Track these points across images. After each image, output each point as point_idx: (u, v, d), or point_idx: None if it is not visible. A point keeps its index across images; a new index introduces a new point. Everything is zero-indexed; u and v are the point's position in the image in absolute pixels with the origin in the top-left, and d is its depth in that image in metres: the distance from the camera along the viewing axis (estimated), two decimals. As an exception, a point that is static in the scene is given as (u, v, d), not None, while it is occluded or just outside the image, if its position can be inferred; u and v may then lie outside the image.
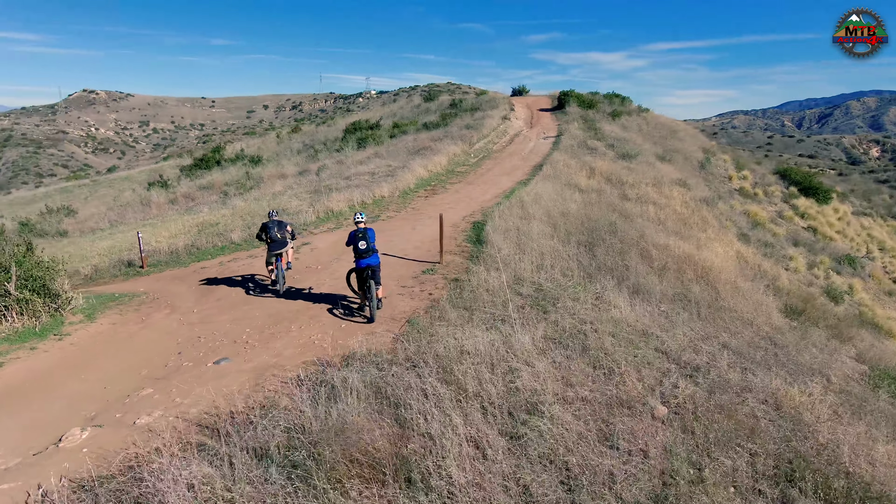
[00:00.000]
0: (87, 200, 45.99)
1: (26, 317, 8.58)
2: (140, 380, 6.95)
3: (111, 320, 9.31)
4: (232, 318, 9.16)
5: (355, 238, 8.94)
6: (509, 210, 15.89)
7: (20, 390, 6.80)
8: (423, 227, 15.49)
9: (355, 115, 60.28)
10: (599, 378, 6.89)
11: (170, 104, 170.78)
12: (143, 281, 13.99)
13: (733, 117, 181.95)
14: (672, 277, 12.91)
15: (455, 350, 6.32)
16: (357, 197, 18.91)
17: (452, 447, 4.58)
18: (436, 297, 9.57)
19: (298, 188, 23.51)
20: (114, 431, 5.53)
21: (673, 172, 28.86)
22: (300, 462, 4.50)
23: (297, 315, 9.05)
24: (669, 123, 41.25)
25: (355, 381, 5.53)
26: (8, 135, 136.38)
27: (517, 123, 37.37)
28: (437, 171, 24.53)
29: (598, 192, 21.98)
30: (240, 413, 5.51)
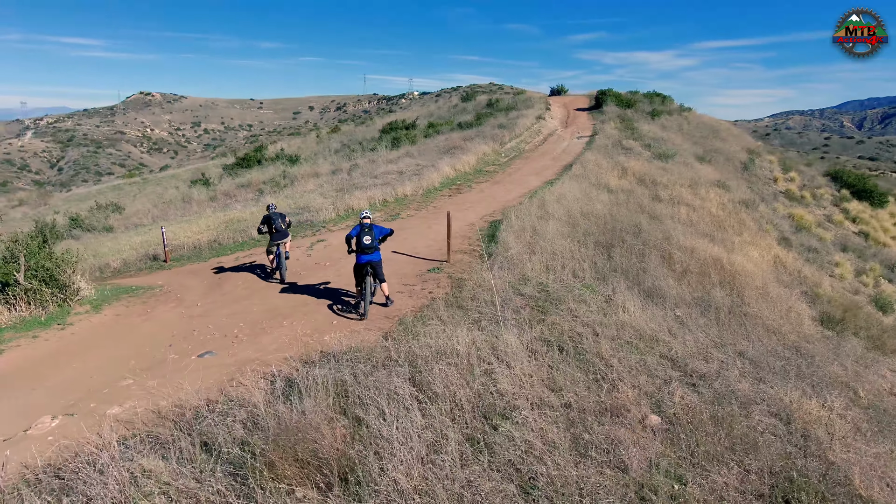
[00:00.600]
0: (135, 198, 47.78)
1: (34, 306, 8.83)
2: (125, 370, 7.00)
3: (116, 312, 9.49)
4: (230, 312, 9.19)
5: (360, 233, 8.85)
6: (528, 209, 15.52)
7: (9, 377, 6.96)
8: (440, 225, 15.26)
9: (395, 116, 60.60)
10: (588, 384, 6.53)
11: (220, 105, 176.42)
12: (163, 274, 14.29)
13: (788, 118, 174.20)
14: (693, 281, 12.30)
15: (431, 349, 6.09)
16: (379, 195, 18.88)
17: (403, 450, 4.35)
18: (436, 295, 9.35)
19: (328, 186, 23.70)
20: (82, 420, 5.55)
21: (712, 173, 27.74)
22: (245, 460, 4.38)
23: (293, 310, 9.00)
24: (712, 123, 39.76)
25: (320, 379, 5.37)
26: (71, 135, 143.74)
27: (552, 123, 36.74)
28: (465, 171, 24.29)
29: (627, 193, 21.29)
30: (203, 407, 5.44)
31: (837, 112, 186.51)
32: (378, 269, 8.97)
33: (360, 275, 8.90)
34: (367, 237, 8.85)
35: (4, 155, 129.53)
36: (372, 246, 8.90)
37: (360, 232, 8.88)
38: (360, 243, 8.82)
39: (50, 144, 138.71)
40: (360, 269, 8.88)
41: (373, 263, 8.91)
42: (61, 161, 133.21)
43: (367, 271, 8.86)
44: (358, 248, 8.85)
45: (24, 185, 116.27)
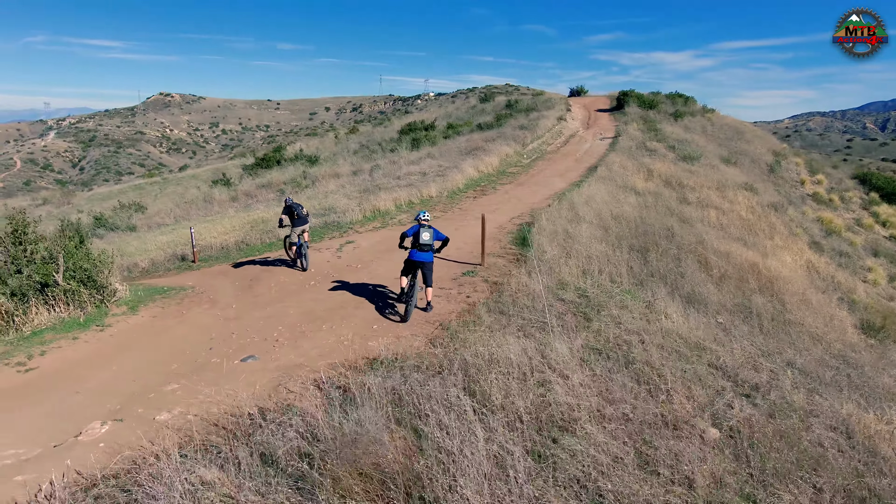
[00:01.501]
0: (156, 197, 48.21)
1: (73, 307, 8.78)
2: (168, 374, 6.90)
3: (152, 313, 9.42)
4: (266, 315, 9.08)
5: (419, 230, 8.89)
6: (558, 212, 15.28)
7: (51, 379, 6.89)
8: (468, 227, 15.09)
9: (412, 117, 60.52)
10: (643, 395, 6.30)
11: (238, 106, 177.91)
12: (192, 275, 14.26)
13: (809, 119, 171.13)
14: (732, 287, 11.99)
15: (483, 358, 5.91)
16: (404, 196, 18.73)
17: (471, 465, 4.17)
18: (473, 300, 9.17)
19: (350, 187, 23.60)
20: (133, 427, 5.45)
21: (738, 176, 27.26)
22: (307, 472, 4.22)
23: (330, 314, 8.86)
24: (736, 124, 39.14)
25: (375, 388, 5.21)
26: (92, 135, 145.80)
27: (573, 124, 36.40)
28: (488, 172, 24.09)
29: (655, 196, 20.95)
30: (256, 415, 5.29)
31: (860, 113, 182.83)
32: (428, 271, 8.90)
33: (408, 272, 8.87)
34: (426, 234, 8.85)
35: (28, 155, 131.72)
36: (429, 244, 8.87)
37: (420, 230, 8.91)
38: (417, 240, 8.83)
39: (72, 144, 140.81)
40: (411, 266, 8.86)
41: (425, 264, 8.86)
42: (83, 161, 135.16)
43: (417, 272, 8.83)
44: (415, 244, 8.86)
45: (47, 185, 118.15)
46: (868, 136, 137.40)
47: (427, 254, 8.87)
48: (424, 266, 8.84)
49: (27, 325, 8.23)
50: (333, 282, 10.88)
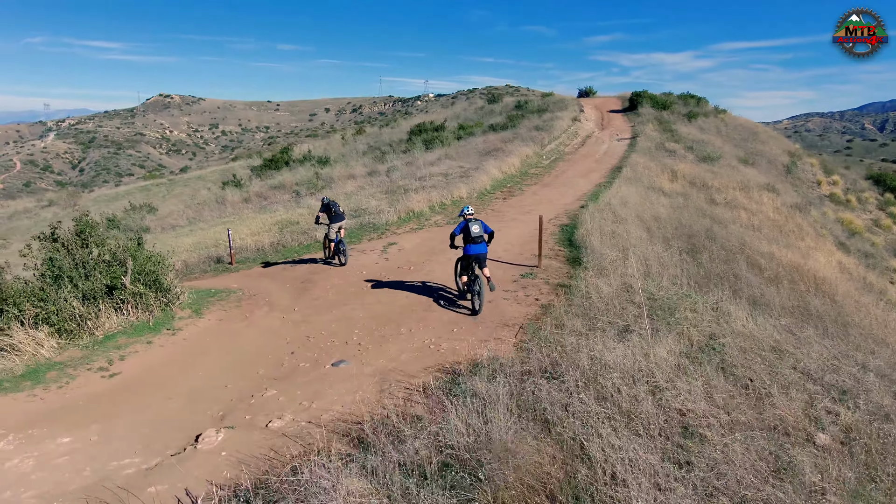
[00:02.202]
0: (164, 199, 47.98)
1: (140, 310, 8.65)
2: (258, 379, 6.78)
3: (217, 316, 9.29)
4: (334, 318, 8.96)
5: (467, 226, 9.06)
6: (599, 213, 15.20)
7: (141, 385, 6.76)
8: (509, 229, 15.00)
9: (418, 118, 60.34)
10: (748, 400, 6.22)
11: (238, 107, 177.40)
12: (233, 277, 14.13)
13: (807, 120, 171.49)
14: (786, 289, 11.93)
15: (597, 362, 5.81)
16: (436, 198, 18.63)
17: (632, 478, 4.07)
18: (544, 302, 9.07)
19: (371, 188, 23.46)
20: (247, 434, 5.33)
21: (758, 177, 27.25)
22: (459, 482, 4.11)
23: (401, 316, 8.75)
24: (749, 125, 39.20)
25: (500, 394, 5.10)
26: (92, 136, 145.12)
27: (588, 125, 36.37)
28: (511, 173, 24.01)
29: (684, 196, 20.92)
30: (378, 422, 5.18)
31: (858, 114, 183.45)
32: (483, 260, 9.11)
33: (466, 267, 9.08)
34: (475, 226, 9.04)
35: (28, 156, 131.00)
36: (480, 236, 9.05)
37: (467, 224, 9.08)
38: (469, 235, 8.99)
39: (72, 146, 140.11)
40: (467, 261, 9.05)
41: (480, 256, 9.03)
42: (83, 162, 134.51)
43: (475, 264, 8.99)
44: (467, 239, 9.01)
45: (47, 186, 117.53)
46: (867, 136, 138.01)
47: (481, 245, 9.08)
48: (480, 257, 9.03)
49: (99, 329, 8.09)
50: (389, 284, 10.77)
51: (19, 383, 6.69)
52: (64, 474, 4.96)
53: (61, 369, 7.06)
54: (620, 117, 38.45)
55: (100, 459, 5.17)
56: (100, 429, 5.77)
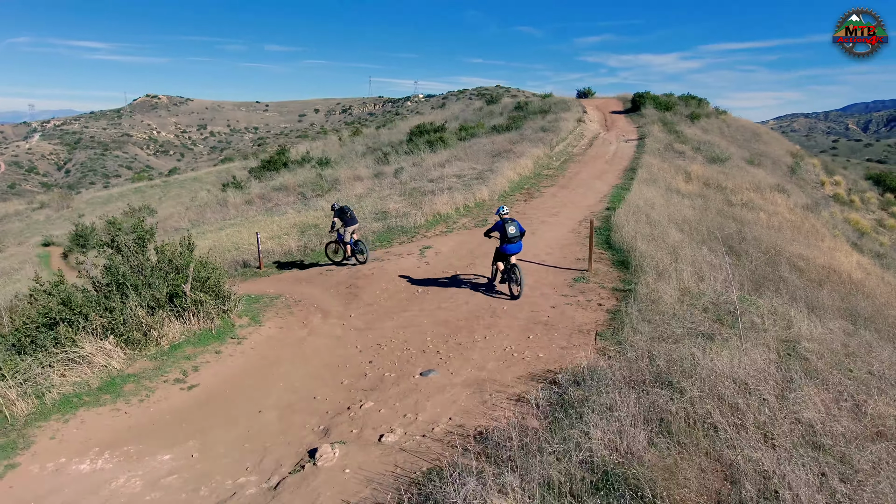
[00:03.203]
0: (161, 200, 47.32)
1: (201, 319, 8.41)
2: (345, 390, 6.60)
3: (276, 324, 9.07)
4: (399, 325, 8.79)
5: (504, 226, 9.91)
6: (633, 216, 15.16)
7: (223, 397, 6.55)
8: (542, 232, 14.91)
9: (415, 119, 60.06)
10: (849, 409, 6.17)
11: (226, 108, 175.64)
12: (266, 282, 13.88)
13: (793, 120, 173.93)
14: (832, 291, 11.97)
15: (703, 370, 5.71)
16: (460, 200, 18.49)
17: (791, 495, 3.97)
18: (608, 307, 8.98)
19: (384, 190, 23.27)
20: (363, 450, 5.15)
21: (767, 177, 27.47)
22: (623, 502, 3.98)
23: (468, 323, 8.60)
24: (751, 126, 39.55)
25: (628, 405, 4.99)
26: (78, 137, 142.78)
27: (592, 126, 36.44)
28: (525, 175, 23.95)
29: (703, 198, 21.00)
30: (498, 435, 5.03)
31: (842, 115, 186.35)
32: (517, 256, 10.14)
33: (503, 261, 10.10)
34: (511, 227, 9.89)
35: (12, 157, 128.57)
36: (517, 236, 9.90)
37: (504, 225, 9.91)
38: (506, 235, 9.82)
39: (57, 147, 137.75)
40: (505, 258, 10.04)
41: (517, 253, 10.06)
42: (68, 163, 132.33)
43: (511, 260, 9.99)
44: (505, 238, 9.86)
45: (32, 188, 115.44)
46: (852, 136, 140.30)
47: (517, 244, 9.97)
48: (515, 255, 10.05)
49: (163, 338, 7.84)
50: (439, 288, 10.61)
51: (99, 397, 6.43)
52: (180, 495, 4.76)
53: (137, 381, 6.81)
54: (623, 118, 38.58)
55: (212, 478, 4.97)
56: (198, 445, 5.56)
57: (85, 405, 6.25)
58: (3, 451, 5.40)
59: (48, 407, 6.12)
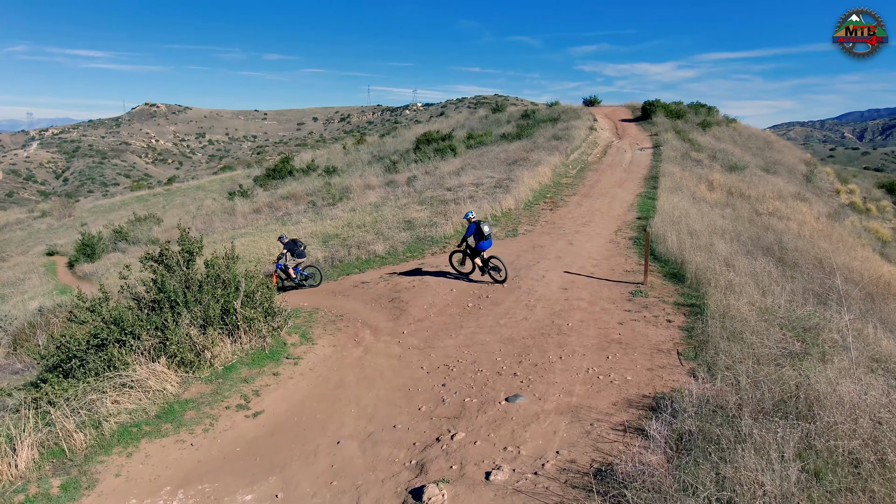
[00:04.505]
0: (165, 209, 46.67)
1: (252, 337, 7.86)
2: (425, 418, 6.06)
3: (329, 342, 8.52)
4: (461, 344, 8.26)
5: (479, 226, 11.17)
6: (670, 225, 14.71)
7: (294, 426, 6.00)
8: (580, 243, 14.44)
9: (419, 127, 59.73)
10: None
11: (224, 117, 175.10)
12: (299, 296, 13.33)
13: (789, 129, 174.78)
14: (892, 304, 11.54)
15: (842, 401, 5.21)
16: (487, 208, 18.01)
17: None
18: (679, 324, 8.49)
19: (399, 199, 22.81)
20: (472, 491, 4.61)
21: (787, 186, 27.15)
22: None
23: (536, 341, 8.08)
24: (762, 135, 39.34)
25: (770, 441, 4.48)
26: (76, 146, 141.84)
27: (604, 134, 36.12)
28: (546, 183, 23.52)
29: (730, 207, 20.62)
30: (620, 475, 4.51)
31: (838, 123, 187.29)
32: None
33: (478, 257, 11.44)
34: (486, 226, 11.19)
35: (10, 166, 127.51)
36: (490, 233, 11.26)
37: (479, 225, 11.18)
38: (482, 234, 11.11)
39: (55, 155, 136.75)
40: (480, 254, 11.39)
41: (489, 248, 11.48)
42: (67, 172, 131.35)
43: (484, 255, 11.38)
44: (481, 236, 11.12)
45: (30, 196, 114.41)
46: (848, 145, 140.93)
47: (490, 240, 11.38)
48: (488, 250, 11.52)
49: (216, 359, 7.28)
50: (491, 302, 10.09)
51: (159, 426, 5.88)
52: (275, 544, 4.21)
53: (197, 408, 6.26)
54: (634, 126, 38.30)
55: (308, 523, 4.44)
56: (280, 483, 5.02)
57: (146, 436, 5.70)
58: (66, 493, 4.84)
59: (107, 438, 5.55)
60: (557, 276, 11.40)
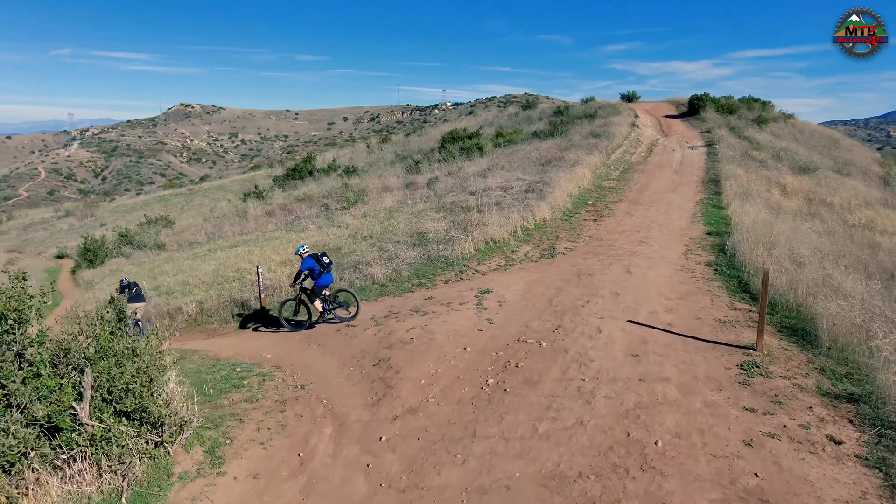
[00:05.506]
0: (182, 210, 44.21)
1: (107, 465, 4.42)
2: None
3: (251, 464, 5.01)
4: (470, 483, 4.61)
5: (318, 259, 9.65)
6: (761, 246, 10.79)
7: None
8: (642, 268, 10.63)
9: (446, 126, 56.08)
10: None
11: (257, 116, 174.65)
12: (266, 338, 9.95)
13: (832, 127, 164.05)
14: None
15: None
16: (517, 220, 14.27)
17: None
18: (854, 449, 4.69)
19: (416, 204, 19.15)
20: None
21: (870, 190, 22.65)
22: None
23: (603, 479, 4.40)
24: (826, 132, 34.55)
25: None
26: (115, 145, 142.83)
27: (648, 131, 31.91)
28: (585, 187, 19.64)
29: (815, 217, 16.45)
30: None
31: (883, 122, 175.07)
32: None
33: (318, 297, 9.71)
34: (326, 258, 9.76)
35: (52, 165, 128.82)
36: (331, 263, 9.81)
37: (318, 256, 9.69)
38: (322, 263, 9.63)
39: (95, 154, 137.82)
40: (320, 291, 9.71)
41: (329, 285, 9.87)
42: (105, 171, 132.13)
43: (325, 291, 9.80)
44: (322, 267, 9.62)
45: (70, 194, 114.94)
46: (893, 144, 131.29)
47: (331, 273, 9.85)
48: (329, 286, 9.89)
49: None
50: (524, 381, 6.42)
51: None
52: None
53: None
54: (680, 123, 33.96)
55: None
56: None
57: None
58: None
59: None
60: (620, 328, 7.66)
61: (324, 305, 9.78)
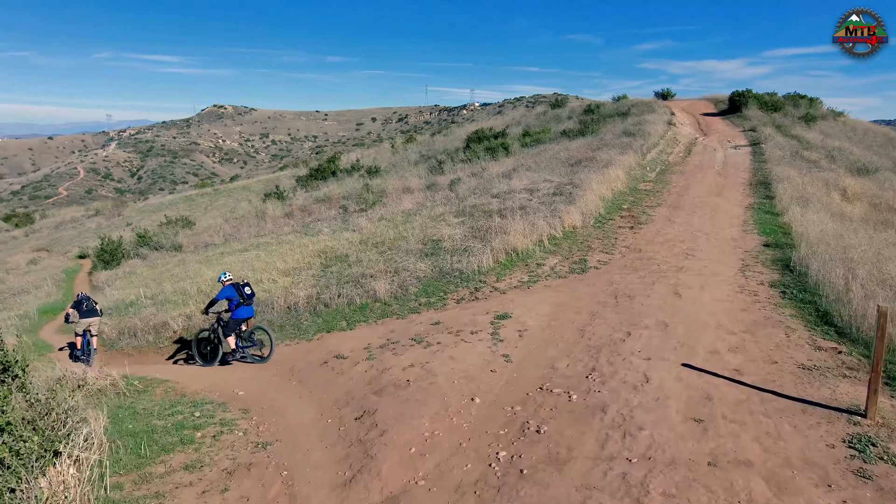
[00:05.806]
0: (206, 210, 43.56)
1: None
2: None
3: None
4: None
5: (240, 287, 8.74)
6: (839, 263, 8.82)
7: None
8: (692, 287, 8.79)
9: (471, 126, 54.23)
10: None
11: (287, 117, 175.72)
12: (243, 369, 8.46)
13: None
14: None
15: None
16: (543, 227, 12.49)
17: None
18: None
19: (436, 207, 17.44)
20: None
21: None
22: None
23: None
24: (880, 130, 31.68)
25: None
26: (150, 146, 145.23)
27: (685, 130, 29.62)
28: (619, 189, 17.70)
29: (884, 226, 14.25)
30: None
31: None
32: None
33: (235, 329, 8.79)
34: (248, 289, 8.83)
35: (91, 164, 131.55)
36: (252, 294, 8.86)
37: (238, 286, 8.75)
38: (242, 295, 8.71)
39: (131, 155, 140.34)
40: (237, 325, 8.79)
41: (248, 319, 8.93)
42: (141, 170, 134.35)
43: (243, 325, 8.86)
44: (242, 299, 8.70)
45: (107, 193, 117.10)
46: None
47: (251, 307, 8.89)
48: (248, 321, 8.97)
49: None
50: (552, 459, 4.73)
51: None
52: None
53: None
54: (720, 121, 31.54)
55: None
56: None
57: None
58: None
59: None
60: (674, 376, 5.88)
61: (237, 342, 8.82)
